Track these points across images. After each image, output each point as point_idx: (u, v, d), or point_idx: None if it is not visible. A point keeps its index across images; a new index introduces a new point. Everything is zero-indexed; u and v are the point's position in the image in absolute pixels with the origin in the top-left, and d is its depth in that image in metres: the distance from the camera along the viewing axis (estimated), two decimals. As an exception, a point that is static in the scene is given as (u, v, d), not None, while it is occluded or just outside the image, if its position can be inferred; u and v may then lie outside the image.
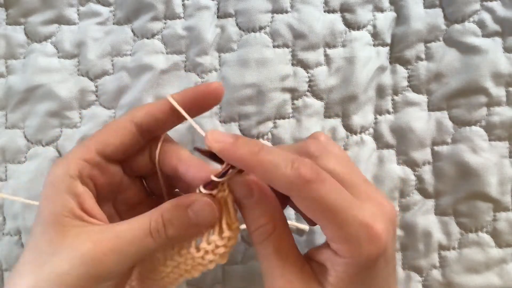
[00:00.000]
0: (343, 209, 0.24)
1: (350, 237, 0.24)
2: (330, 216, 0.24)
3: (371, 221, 0.24)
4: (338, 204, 0.23)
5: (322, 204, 0.23)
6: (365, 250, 0.24)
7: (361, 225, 0.24)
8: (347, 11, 0.39)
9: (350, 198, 0.24)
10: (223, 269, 0.37)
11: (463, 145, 0.38)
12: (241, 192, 0.26)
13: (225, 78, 0.38)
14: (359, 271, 0.24)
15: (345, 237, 0.24)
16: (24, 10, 0.39)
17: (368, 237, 0.24)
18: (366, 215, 0.24)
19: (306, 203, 0.24)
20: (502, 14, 0.38)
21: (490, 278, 0.37)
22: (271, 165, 0.24)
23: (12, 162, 0.38)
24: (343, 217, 0.23)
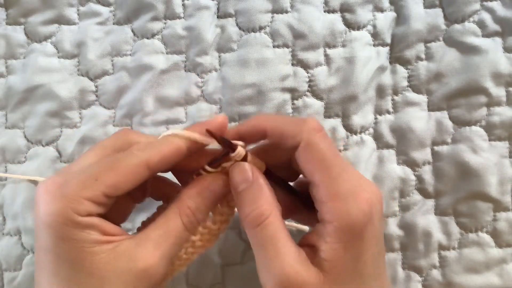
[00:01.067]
0: (338, 166, 0.26)
1: (341, 194, 0.25)
2: (327, 168, 0.25)
3: (360, 188, 0.26)
4: (335, 161, 0.26)
5: (323, 154, 0.26)
6: (352, 211, 0.25)
7: (352, 186, 0.25)
8: (347, 11, 0.39)
9: (345, 162, 0.27)
10: (223, 269, 0.37)
11: (463, 145, 0.38)
12: (239, 177, 0.27)
13: (225, 78, 0.38)
14: (348, 237, 0.25)
15: (336, 194, 0.25)
16: (24, 10, 0.39)
17: (356, 200, 0.25)
18: (357, 182, 0.26)
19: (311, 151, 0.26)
20: (502, 14, 0.38)
21: (490, 278, 0.37)
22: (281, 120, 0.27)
23: (12, 162, 0.38)
24: (338, 173, 0.25)
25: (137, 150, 0.26)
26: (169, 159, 0.27)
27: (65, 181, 0.25)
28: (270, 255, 0.25)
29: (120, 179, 0.25)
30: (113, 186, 0.25)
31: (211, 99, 0.38)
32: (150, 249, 0.25)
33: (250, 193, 0.27)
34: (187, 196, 0.27)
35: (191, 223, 0.27)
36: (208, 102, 0.38)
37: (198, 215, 0.27)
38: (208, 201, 0.28)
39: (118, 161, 0.26)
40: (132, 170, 0.26)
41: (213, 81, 0.38)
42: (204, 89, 0.38)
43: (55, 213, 0.24)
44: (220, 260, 0.37)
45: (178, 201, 0.27)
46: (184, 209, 0.27)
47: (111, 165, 0.26)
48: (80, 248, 0.24)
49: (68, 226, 0.24)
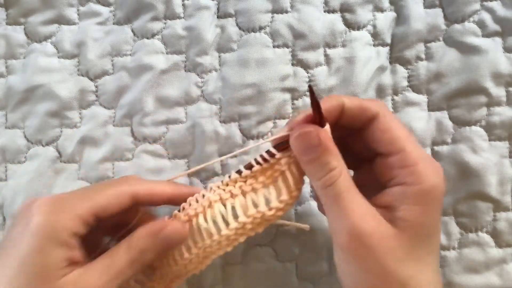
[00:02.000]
0: (414, 141, 0.27)
1: (419, 161, 0.26)
2: (407, 137, 0.27)
3: (432, 159, 0.28)
4: (410, 137, 0.28)
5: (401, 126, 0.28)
6: (433, 176, 0.26)
7: (425, 156, 0.27)
8: (347, 11, 0.39)
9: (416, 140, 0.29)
10: (223, 269, 0.37)
11: (463, 145, 0.38)
12: (306, 144, 0.27)
13: (225, 78, 0.38)
14: (428, 201, 0.26)
15: (415, 160, 0.26)
16: (24, 10, 0.39)
17: (434, 167, 0.27)
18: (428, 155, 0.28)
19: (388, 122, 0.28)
20: (502, 14, 0.38)
21: (490, 278, 0.37)
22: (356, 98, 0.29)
23: (12, 162, 0.38)
24: (415, 145, 0.27)
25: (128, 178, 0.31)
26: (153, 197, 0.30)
27: (67, 198, 0.28)
28: (341, 208, 0.26)
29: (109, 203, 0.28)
30: (102, 207, 0.28)
31: (211, 99, 0.38)
32: (95, 278, 0.27)
33: (319, 160, 0.27)
34: (139, 235, 0.29)
35: (137, 262, 0.28)
36: (208, 102, 0.38)
37: (145, 256, 0.28)
38: (158, 244, 0.29)
39: (110, 186, 0.29)
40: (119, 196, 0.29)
41: (213, 81, 0.38)
42: (204, 89, 0.38)
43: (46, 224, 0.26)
44: (220, 260, 0.37)
45: (131, 237, 0.29)
46: (132, 247, 0.28)
47: (103, 189, 0.29)
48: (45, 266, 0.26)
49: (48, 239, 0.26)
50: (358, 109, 0.28)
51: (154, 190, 0.30)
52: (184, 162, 0.38)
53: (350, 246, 0.26)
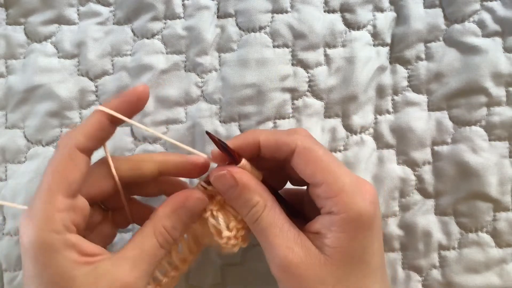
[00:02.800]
0: (338, 167, 0.27)
1: (344, 190, 0.26)
2: (327, 169, 0.27)
3: (360, 182, 0.27)
4: (334, 162, 0.27)
5: (320, 157, 0.27)
6: (358, 204, 0.26)
7: (352, 181, 0.27)
8: (347, 11, 0.39)
9: (341, 164, 0.28)
10: (223, 269, 0.37)
11: (463, 145, 0.38)
12: (224, 185, 0.28)
13: (225, 78, 0.38)
14: (355, 228, 0.26)
15: (340, 189, 0.26)
16: (24, 10, 0.39)
17: (362, 192, 0.26)
18: (354, 178, 0.27)
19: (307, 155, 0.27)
20: (502, 14, 0.38)
21: (490, 278, 0.37)
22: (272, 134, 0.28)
23: (12, 162, 0.38)
24: (339, 172, 0.27)
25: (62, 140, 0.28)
26: (93, 134, 0.28)
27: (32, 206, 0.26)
28: (268, 242, 0.27)
29: (65, 173, 0.26)
30: (63, 183, 0.26)
31: (211, 99, 0.38)
32: (127, 269, 0.26)
33: (241, 197, 0.28)
34: (163, 215, 0.28)
35: (167, 242, 0.28)
36: (208, 102, 0.38)
37: (173, 234, 0.28)
38: (183, 219, 0.28)
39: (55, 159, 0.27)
40: (68, 161, 0.27)
41: (213, 81, 0.38)
42: (204, 89, 0.38)
43: (33, 240, 0.25)
44: (220, 260, 0.37)
45: (154, 219, 0.28)
46: (159, 228, 0.27)
47: (52, 167, 0.27)
48: (61, 274, 0.25)
49: (47, 252, 0.25)
50: (274, 145, 0.28)
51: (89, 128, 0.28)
52: None
53: (282, 277, 0.27)
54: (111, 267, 0.26)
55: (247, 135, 0.29)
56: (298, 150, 0.27)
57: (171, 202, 0.28)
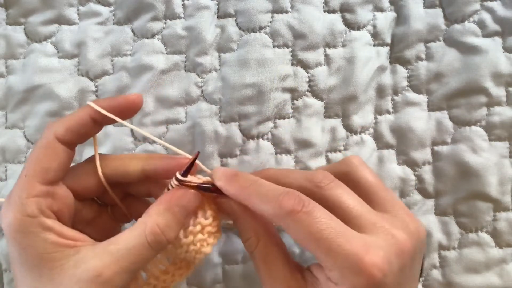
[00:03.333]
0: (329, 239, 0.24)
1: (338, 265, 0.24)
2: (315, 245, 0.25)
3: (362, 252, 0.24)
4: (324, 234, 0.24)
5: (307, 233, 0.25)
6: (352, 280, 0.24)
7: (348, 255, 0.24)
8: (347, 11, 0.39)
9: (340, 228, 0.25)
10: (223, 269, 0.37)
11: (463, 145, 0.38)
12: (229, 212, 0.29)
13: (225, 78, 0.38)
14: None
15: (332, 265, 0.24)
16: (24, 10, 0.39)
17: (355, 268, 0.24)
18: (357, 246, 0.24)
19: (292, 232, 0.25)
20: (502, 14, 0.38)
21: (490, 278, 0.37)
22: (258, 198, 0.26)
23: (12, 162, 0.38)
24: (328, 247, 0.24)
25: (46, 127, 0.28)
26: (74, 128, 0.28)
27: (11, 192, 0.27)
28: (262, 278, 0.28)
29: (41, 161, 0.27)
30: (39, 170, 0.26)
31: (211, 99, 0.38)
32: (107, 262, 0.25)
33: (240, 224, 0.28)
34: (156, 212, 0.27)
35: (158, 242, 0.26)
36: (208, 102, 0.38)
37: (168, 233, 0.26)
38: (178, 217, 0.27)
39: (34, 146, 0.28)
40: (46, 149, 0.27)
41: (213, 81, 0.38)
42: (204, 89, 0.38)
43: (10, 223, 0.25)
44: (220, 260, 0.37)
45: (146, 217, 0.27)
46: (151, 226, 0.26)
47: (30, 154, 0.27)
48: (41, 255, 0.25)
49: (23, 234, 0.25)
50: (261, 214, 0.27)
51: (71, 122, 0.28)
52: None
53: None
54: (92, 255, 0.25)
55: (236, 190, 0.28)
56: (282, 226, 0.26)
57: (164, 199, 0.27)
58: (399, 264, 0.25)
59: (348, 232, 0.25)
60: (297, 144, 0.38)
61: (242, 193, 0.27)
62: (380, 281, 0.24)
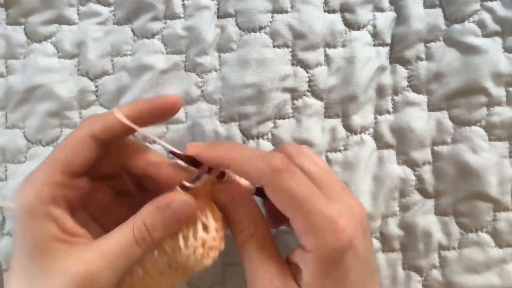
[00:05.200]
0: (310, 201, 0.26)
1: (316, 228, 0.25)
2: (297, 206, 0.26)
3: (336, 217, 0.26)
4: (306, 196, 0.26)
5: (290, 194, 0.25)
6: (330, 242, 0.25)
7: (326, 218, 0.25)
8: (347, 11, 0.39)
9: (318, 194, 0.26)
10: (223, 269, 0.37)
11: (463, 145, 0.38)
12: (224, 198, 0.28)
13: (225, 78, 0.38)
14: (327, 265, 0.26)
15: (311, 228, 0.25)
16: (24, 10, 0.39)
17: (333, 230, 0.25)
18: (332, 211, 0.26)
19: (276, 192, 0.26)
20: (502, 14, 0.38)
21: (490, 278, 0.37)
22: (243, 159, 0.27)
23: (12, 162, 0.38)
24: (309, 208, 0.25)
25: (82, 123, 0.28)
26: (111, 128, 0.28)
27: (33, 171, 0.27)
28: (253, 270, 0.28)
29: (71, 152, 0.27)
30: (66, 161, 0.27)
31: (211, 99, 0.38)
32: (96, 257, 0.25)
33: (237, 211, 0.28)
34: (145, 211, 0.27)
35: (143, 239, 0.26)
36: (208, 102, 0.38)
37: (152, 232, 0.26)
38: (166, 220, 0.27)
39: (68, 138, 0.28)
40: (79, 142, 0.27)
41: (213, 81, 0.38)
42: (204, 89, 0.38)
43: (23, 203, 0.26)
44: (220, 260, 0.37)
45: (137, 213, 0.27)
46: (138, 223, 0.26)
47: (62, 144, 0.28)
48: (37, 243, 0.25)
49: (30, 217, 0.26)
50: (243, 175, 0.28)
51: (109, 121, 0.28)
52: None
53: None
54: (83, 251, 0.26)
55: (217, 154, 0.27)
56: (267, 184, 0.26)
57: (156, 200, 0.27)
58: (362, 231, 0.27)
59: (323, 198, 0.26)
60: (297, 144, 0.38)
61: (226, 156, 0.27)
62: (351, 244, 0.26)
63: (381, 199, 0.38)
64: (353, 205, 0.28)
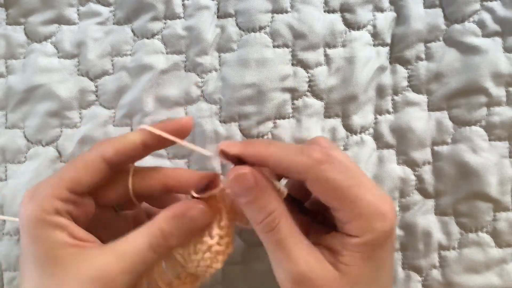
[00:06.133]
0: (355, 189, 0.25)
1: (362, 214, 0.25)
2: (342, 195, 0.25)
3: (380, 203, 0.26)
4: (349, 184, 0.25)
5: (335, 184, 0.25)
6: (377, 227, 0.25)
7: (371, 203, 0.26)
8: (347, 11, 0.39)
9: (359, 181, 0.26)
10: (223, 269, 0.37)
11: (463, 145, 0.38)
12: (242, 186, 0.26)
13: (225, 78, 0.38)
14: (371, 249, 0.26)
15: (358, 214, 0.25)
16: (24, 10, 0.39)
17: (379, 215, 0.26)
18: (376, 197, 0.26)
19: (321, 184, 0.26)
20: (502, 14, 0.38)
21: (490, 278, 0.37)
22: (283, 154, 0.26)
23: (12, 162, 0.38)
24: (355, 196, 0.25)
25: (95, 146, 0.29)
26: (123, 151, 0.28)
27: (38, 185, 0.27)
28: (284, 255, 0.26)
29: (80, 172, 0.27)
30: (74, 180, 0.27)
31: (211, 99, 0.38)
32: (112, 260, 0.25)
33: (256, 202, 0.26)
34: (162, 218, 0.27)
35: (159, 246, 0.26)
36: (208, 102, 0.38)
37: (169, 239, 0.27)
38: (183, 228, 0.27)
39: (78, 158, 0.28)
40: (88, 163, 0.27)
41: (213, 81, 0.38)
42: (204, 89, 0.38)
43: (28, 215, 0.26)
44: (220, 260, 0.37)
45: (153, 220, 0.27)
46: (154, 229, 0.27)
47: (72, 163, 0.28)
48: (46, 250, 0.25)
49: (37, 227, 0.26)
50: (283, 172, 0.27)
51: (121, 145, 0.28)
52: (184, 162, 0.38)
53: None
54: (98, 254, 0.26)
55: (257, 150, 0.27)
56: (309, 181, 0.26)
57: (173, 207, 0.27)
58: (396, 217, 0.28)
59: (367, 183, 0.26)
60: (297, 144, 0.38)
61: (264, 152, 0.27)
62: (392, 228, 0.26)
63: (381, 199, 0.38)
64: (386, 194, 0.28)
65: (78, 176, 0.27)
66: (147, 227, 0.27)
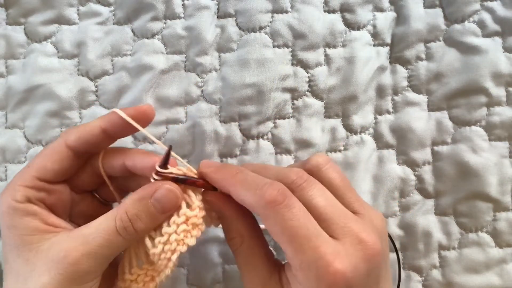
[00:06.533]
0: (303, 238, 0.24)
1: (303, 267, 0.24)
2: (288, 240, 0.24)
3: (330, 258, 0.24)
4: (299, 232, 0.24)
5: (282, 227, 0.24)
6: (314, 285, 0.24)
7: (318, 258, 0.24)
8: (347, 11, 0.39)
9: (315, 230, 0.25)
10: (223, 269, 0.37)
11: (463, 145, 0.38)
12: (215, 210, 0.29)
13: (225, 78, 0.38)
14: None
15: (299, 266, 0.24)
16: (24, 10, 0.39)
17: (323, 273, 0.24)
18: (327, 251, 0.24)
19: (269, 223, 0.25)
20: (502, 14, 0.38)
21: (490, 278, 0.37)
22: (243, 187, 0.26)
23: (12, 162, 0.38)
24: (300, 246, 0.24)
25: (61, 133, 0.30)
26: (85, 138, 0.29)
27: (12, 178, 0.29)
28: (242, 274, 0.28)
29: (46, 160, 0.28)
30: (41, 168, 0.28)
31: (211, 99, 0.38)
32: (77, 244, 0.26)
33: (224, 225, 0.29)
34: (129, 201, 0.27)
35: (125, 229, 0.26)
36: (208, 102, 0.38)
37: (135, 222, 0.26)
38: (151, 209, 0.27)
39: (46, 146, 0.29)
40: (54, 150, 0.28)
41: (213, 81, 0.38)
42: (204, 89, 0.38)
43: (2, 205, 0.27)
44: (220, 260, 0.37)
45: (121, 204, 0.27)
46: (121, 213, 0.27)
47: (40, 152, 0.29)
48: (21, 236, 0.27)
49: (11, 216, 0.27)
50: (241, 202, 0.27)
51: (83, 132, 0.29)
52: (184, 162, 0.38)
53: None
54: (65, 239, 0.26)
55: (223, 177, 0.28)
56: (259, 213, 0.26)
57: (140, 190, 0.27)
58: (367, 268, 0.25)
59: (321, 235, 0.25)
60: (297, 144, 0.38)
61: (228, 180, 0.27)
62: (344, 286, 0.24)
63: (381, 199, 0.38)
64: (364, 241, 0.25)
65: (44, 163, 0.28)
66: (114, 210, 0.27)
